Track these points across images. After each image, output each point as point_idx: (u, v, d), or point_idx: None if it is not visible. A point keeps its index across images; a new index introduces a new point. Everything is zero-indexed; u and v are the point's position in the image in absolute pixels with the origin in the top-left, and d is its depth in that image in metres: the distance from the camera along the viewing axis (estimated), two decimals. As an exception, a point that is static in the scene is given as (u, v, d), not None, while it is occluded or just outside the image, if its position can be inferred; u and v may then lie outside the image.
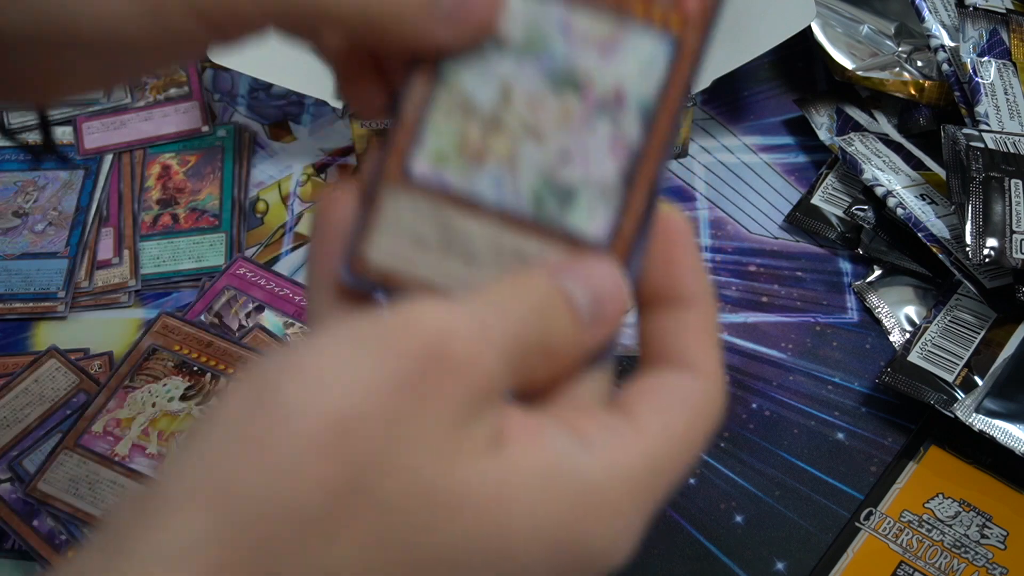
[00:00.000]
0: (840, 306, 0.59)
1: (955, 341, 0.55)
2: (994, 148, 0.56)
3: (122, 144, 0.68)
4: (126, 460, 0.52)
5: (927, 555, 0.49)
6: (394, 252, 0.28)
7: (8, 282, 0.61)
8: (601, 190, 0.29)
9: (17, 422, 0.53)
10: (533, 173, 0.28)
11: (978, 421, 0.51)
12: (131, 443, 0.52)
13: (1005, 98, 0.60)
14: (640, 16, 0.28)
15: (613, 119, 0.28)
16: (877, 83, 0.64)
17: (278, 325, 0.57)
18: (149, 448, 0.52)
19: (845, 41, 0.66)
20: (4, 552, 0.51)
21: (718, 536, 0.51)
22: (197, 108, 0.69)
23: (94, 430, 0.53)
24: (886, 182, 0.60)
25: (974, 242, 0.53)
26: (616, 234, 0.29)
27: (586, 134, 0.28)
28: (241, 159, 0.67)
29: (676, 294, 0.30)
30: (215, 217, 0.64)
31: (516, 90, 0.28)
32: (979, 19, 0.63)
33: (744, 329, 0.59)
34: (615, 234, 0.29)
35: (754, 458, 0.54)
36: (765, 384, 0.56)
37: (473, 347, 0.25)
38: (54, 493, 0.50)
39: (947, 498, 0.51)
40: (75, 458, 0.51)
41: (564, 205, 0.28)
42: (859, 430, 0.54)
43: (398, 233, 0.28)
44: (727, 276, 0.61)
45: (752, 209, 0.64)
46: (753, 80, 0.70)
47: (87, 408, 0.53)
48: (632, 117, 0.28)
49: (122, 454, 0.52)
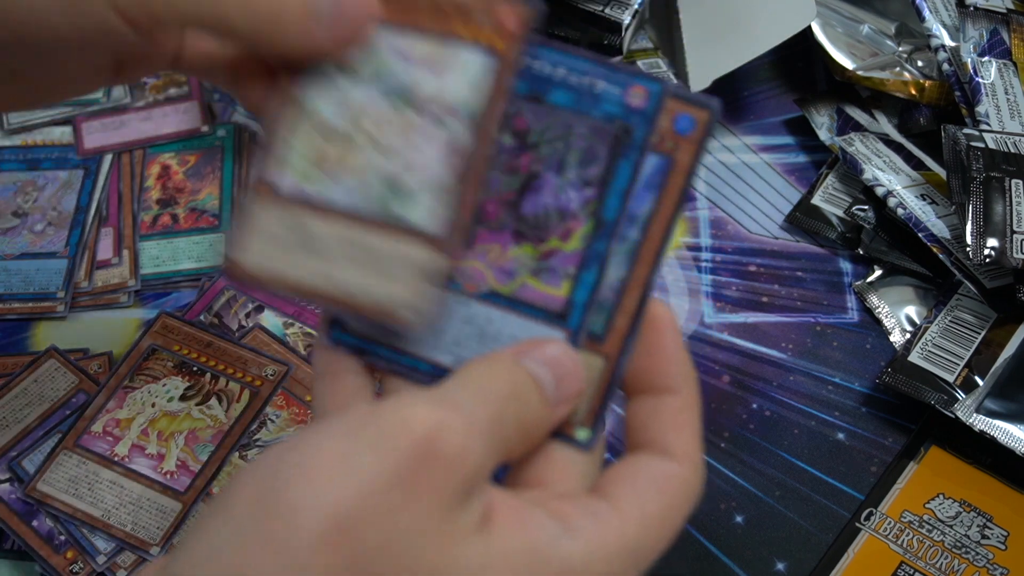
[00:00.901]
0: (840, 306, 0.59)
1: (955, 341, 0.55)
2: (995, 148, 0.55)
3: (122, 144, 0.68)
4: (125, 460, 0.51)
5: (928, 555, 0.49)
6: (262, 256, 0.32)
7: (7, 282, 0.61)
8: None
9: (16, 422, 0.53)
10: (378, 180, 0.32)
11: (979, 421, 0.51)
12: (131, 443, 0.52)
13: (1006, 98, 0.60)
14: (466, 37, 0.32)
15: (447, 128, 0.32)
16: (877, 83, 0.64)
17: (277, 325, 0.57)
18: (148, 448, 0.52)
19: (845, 41, 0.66)
20: (4, 552, 0.51)
21: (718, 536, 0.51)
22: (197, 108, 0.69)
23: (93, 430, 0.52)
24: (886, 182, 0.60)
25: (975, 242, 0.53)
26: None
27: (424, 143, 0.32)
28: (241, 159, 0.67)
29: (659, 382, 0.33)
30: (215, 217, 0.64)
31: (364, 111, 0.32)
32: (980, 19, 0.62)
33: (744, 329, 0.58)
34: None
35: (754, 458, 0.54)
36: (765, 384, 0.56)
37: (461, 442, 0.27)
38: (53, 493, 0.50)
39: (948, 498, 0.51)
40: (74, 458, 0.51)
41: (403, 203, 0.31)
42: (859, 430, 0.54)
43: (265, 240, 0.32)
44: (727, 276, 0.61)
45: (752, 209, 0.64)
46: (753, 80, 0.70)
47: (86, 408, 0.53)
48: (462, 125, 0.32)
49: (121, 454, 0.52)
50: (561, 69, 0.32)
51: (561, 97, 0.32)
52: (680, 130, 0.31)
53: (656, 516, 0.31)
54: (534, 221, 0.32)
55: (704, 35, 0.66)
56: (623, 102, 0.32)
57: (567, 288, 0.32)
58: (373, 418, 0.27)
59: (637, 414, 0.33)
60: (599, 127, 0.32)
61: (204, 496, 0.49)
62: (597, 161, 0.32)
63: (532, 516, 0.29)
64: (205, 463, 0.49)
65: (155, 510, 0.48)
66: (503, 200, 0.32)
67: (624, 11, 0.59)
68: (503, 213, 0.32)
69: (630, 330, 0.32)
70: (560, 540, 0.28)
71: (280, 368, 0.54)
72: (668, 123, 0.32)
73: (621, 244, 0.32)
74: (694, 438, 0.32)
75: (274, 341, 0.55)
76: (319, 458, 0.26)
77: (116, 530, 0.48)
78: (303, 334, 0.57)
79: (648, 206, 0.31)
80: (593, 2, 0.60)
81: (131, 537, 0.48)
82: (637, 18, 0.61)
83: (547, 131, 0.32)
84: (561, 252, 0.32)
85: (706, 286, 0.61)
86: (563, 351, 0.31)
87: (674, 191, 0.31)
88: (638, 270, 0.31)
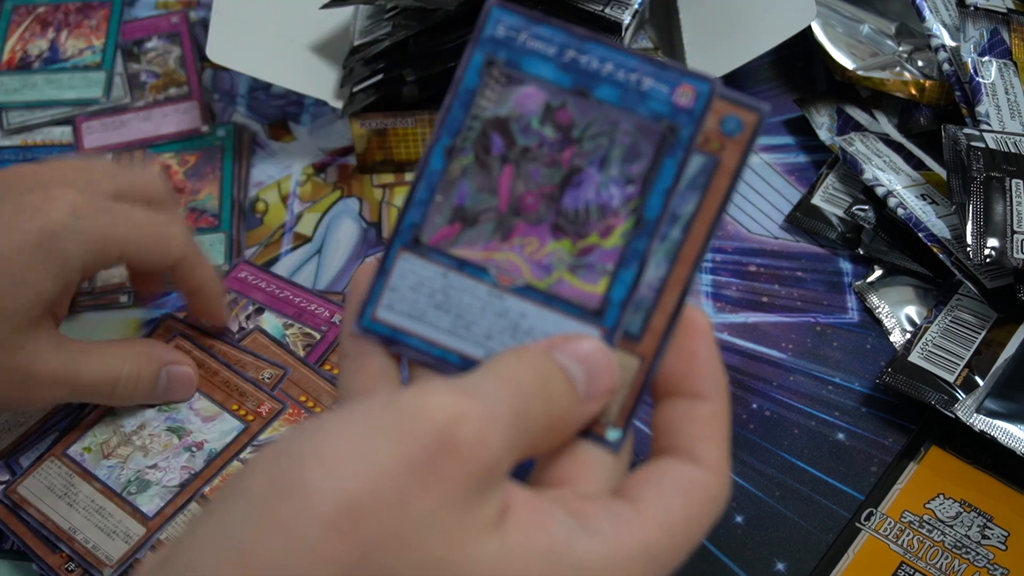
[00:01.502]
0: (840, 306, 0.59)
1: (956, 341, 0.55)
2: (995, 148, 0.55)
3: (122, 144, 0.68)
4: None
5: (928, 556, 0.49)
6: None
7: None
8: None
9: (18, 424, 0.53)
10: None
11: (979, 421, 0.51)
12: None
13: (1006, 98, 0.60)
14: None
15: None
16: (877, 83, 0.64)
17: (278, 327, 0.57)
18: None
19: (845, 41, 0.66)
20: (3, 553, 0.51)
21: (718, 536, 0.51)
22: (197, 108, 0.69)
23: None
24: (887, 182, 0.60)
25: (975, 242, 0.53)
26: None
27: None
28: (241, 159, 0.67)
29: (692, 386, 0.32)
30: (215, 217, 0.64)
31: None
32: (980, 19, 0.62)
33: (744, 329, 0.58)
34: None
35: (754, 458, 0.54)
36: (765, 384, 0.56)
37: (479, 433, 0.27)
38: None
39: (948, 499, 0.51)
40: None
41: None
42: (859, 430, 0.54)
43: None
44: (727, 276, 0.61)
45: (752, 209, 0.64)
46: (753, 80, 0.70)
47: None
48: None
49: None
50: (609, 64, 0.32)
51: (608, 93, 0.32)
52: (727, 131, 0.31)
53: (680, 523, 0.30)
54: (574, 216, 0.32)
55: (704, 35, 0.66)
56: (670, 101, 0.31)
57: (605, 285, 0.31)
58: (392, 405, 0.27)
59: (666, 418, 0.32)
60: (645, 125, 0.31)
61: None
62: (641, 159, 0.31)
63: (551, 515, 0.28)
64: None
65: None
66: (543, 193, 0.32)
67: (624, 11, 0.59)
68: (543, 206, 0.32)
69: (667, 331, 0.31)
70: (578, 540, 0.28)
71: (277, 372, 0.54)
72: (715, 124, 0.31)
73: (662, 243, 0.31)
74: (724, 447, 0.31)
75: (273, 344, 0.55)
76: (335, 443, 0.26)
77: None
78: (302, 335, 0.57)
79: (691, 206, 0.31)
80: (593, 2, 0.60)
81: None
82: (637, 18, 0.61)
83: (592, 126, 0.32)
84: (600, 249, 0.32)
85: (706, 286, 0.60)
86: (597, 347, 0.31)
87: (718, 192, 0.31)
88: (678, 270, 0.31)
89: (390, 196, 0.66)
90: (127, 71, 0.71)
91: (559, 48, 0.32)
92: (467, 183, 0.32)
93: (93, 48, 0.72)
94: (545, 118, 0.32)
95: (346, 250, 0.63)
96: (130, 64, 0.71)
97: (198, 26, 0.74)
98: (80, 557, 0.48)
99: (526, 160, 0.32)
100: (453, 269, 0.32)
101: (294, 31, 0.67)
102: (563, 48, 0.32)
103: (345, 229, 0.64)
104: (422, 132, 0.64)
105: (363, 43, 0.63)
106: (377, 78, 0.63)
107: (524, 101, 0.32)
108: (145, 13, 0.75)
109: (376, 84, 0.63)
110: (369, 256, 0.63)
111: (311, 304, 0.58)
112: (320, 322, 0.57)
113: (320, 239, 0.64)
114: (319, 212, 0.65)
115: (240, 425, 0.51)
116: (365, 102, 0.63)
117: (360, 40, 0.64)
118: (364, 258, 0.63)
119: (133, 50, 0.72)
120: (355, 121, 0.64)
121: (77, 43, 0.72)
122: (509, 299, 0.32)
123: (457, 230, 0.32)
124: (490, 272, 0.32)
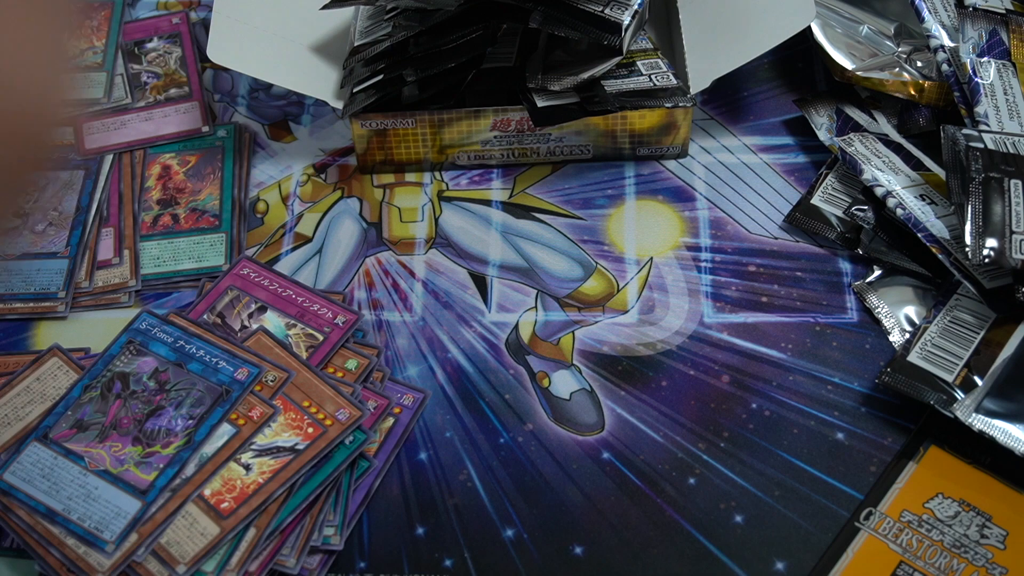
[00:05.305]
0: (840, 306, 0.59)
1: (955, 341, 0.55)
2: (993, 148, 0.56)
3: (122, 144, 0.68)
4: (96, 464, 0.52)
5: (927, 555, 0.49)
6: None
7: (8, 282, 0.61)
8: None
9: (18, 420, 0.53)
10: None
11: (978, 421, 0.51)
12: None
13: (1004, 98, 0.60)
14: None
15: None
16: (877, 83, 0.64)
17: (280, 327, 0.57)
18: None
19: (845, 41, 0.66)
20: (3, 551, 0.51)
21: (718, 536, 0.51)
22: (197, 108, 0.69)
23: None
24: (886, 182, 0.60)
25: (974, 242, 0.53)
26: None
27: None
28: (241, 159, 0.67)
29: None
30: (215, 217, 0.64)
31: None
32: (979, 19, 0.63)
33: (744, 329, 0.59)
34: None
35: (754, 458, 0.54)
36: (765, 384, 0.56)
37: None
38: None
39: (947, 498, 0.51)
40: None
41: None
42: (859, 430, 0.54)
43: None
44: (727, 276, 0.61)
45: (752, 209, 0.64)
46: (753, 80, 0.70)
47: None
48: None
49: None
50: (202, 351, 0.54)
51: (196, 367, 0.54)
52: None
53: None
54: (149, 434, 0.51)
55: (704, 35, 0.66)
56: (233, 375, 0.53)
57: (154, 476, 0.50)
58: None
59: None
60: (212, 387, 0.53)
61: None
62: (203, 405, 0.52)
63: None
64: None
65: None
66: (135, 418, 0.52)
67: (624, 11, 0.59)
68: (132, 426, 0.52)
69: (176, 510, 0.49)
70: None
71: (280, 375, 0.54)
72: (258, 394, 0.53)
73: (196, 456, 0.50)
74: None
75: (276, 345, 0.55)
76: None
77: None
78: (305, 335, 0.57)
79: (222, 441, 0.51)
80: (593, 2, 0.60)
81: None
82: (637, 18, 0.61)
83: (179, 384, 0.53)
84: (159, 454, 0.51)
85: (706, 286, 0.61)
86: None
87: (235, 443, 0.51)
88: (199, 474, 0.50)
89: (390, 196, 0.66)
90: (128, 72, 0.71)
91: (175, 339, 0.55)
92: (89, 407, 0.53)
93: (94, 48, 0.72)
94: (152, 376, 0.53)
95: (346, 250, 0.63)
96: (131, 65, 0.72)
97: (199, 27, 0.74)
98: (71, 562, 0.48)
99: (132, 399, 0.53)
100: (61, 455, 0.51)
101: (294, 32, 0.67)
102: (177, 339, 0.55)
103: (345, 229, 0.64)
104: (422, 132, 0.64)
105: (363, 43, 0.63)
106: (377, 78, 0.63)
107: (143, 365, 0.54)
108: (146, 14, 0.75)
109: (376, 84, 0.63)
110: (369, 256, 0.63)
111: (313, 304, 0.58)
112: (323, 323, 0.57)
113: (320, 239, 0.64)
114: (319, 212, 0.65)
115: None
116: (365, 102, 0.63)
117: (360, 40, 0.64)
118: (364, 258, 0.63)
119: (134, 51, 0.72)
120: (355, 121, 0.64)
121: (78, 44, 0.72)
122: (91, 477, 0.50)
123: (73, 433, 0.52)
124: (84, 459, 0.51)
